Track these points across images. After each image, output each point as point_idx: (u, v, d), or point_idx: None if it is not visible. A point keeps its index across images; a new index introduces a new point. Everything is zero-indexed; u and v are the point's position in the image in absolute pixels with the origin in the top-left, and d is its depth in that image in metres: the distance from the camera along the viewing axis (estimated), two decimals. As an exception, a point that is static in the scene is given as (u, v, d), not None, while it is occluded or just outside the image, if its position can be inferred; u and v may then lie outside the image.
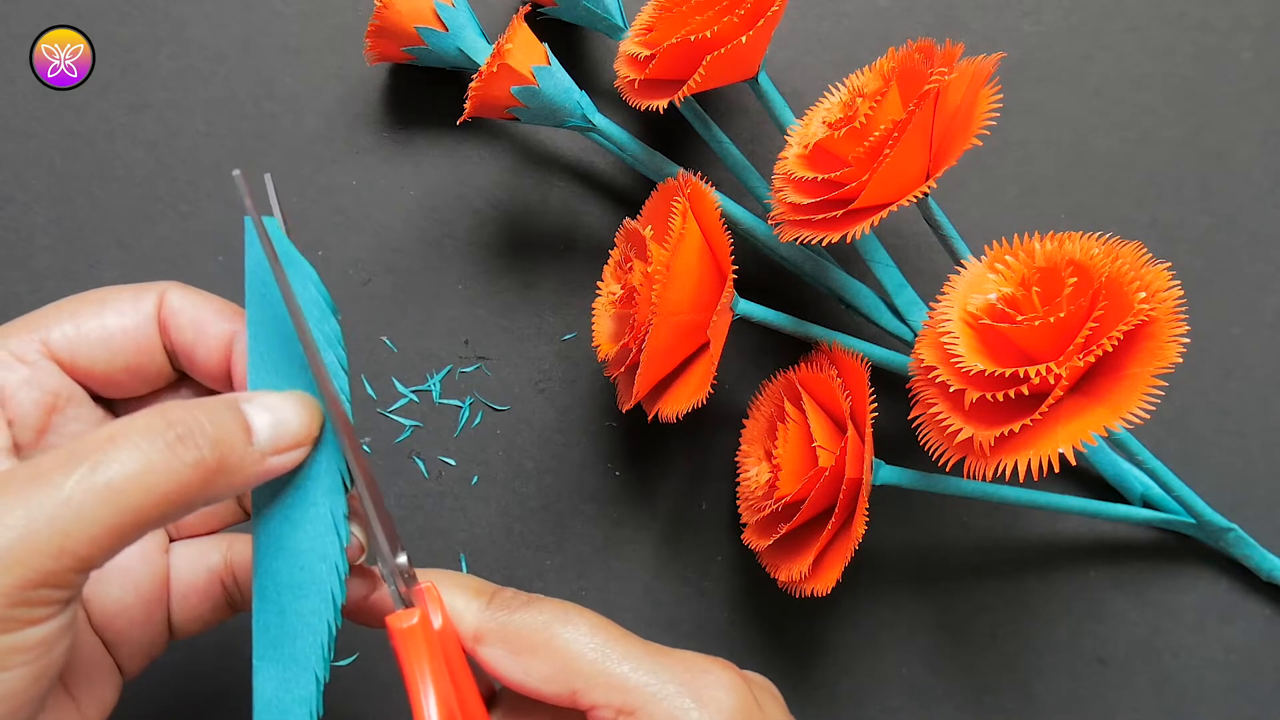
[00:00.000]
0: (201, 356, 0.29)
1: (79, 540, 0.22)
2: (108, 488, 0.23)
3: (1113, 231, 0.32)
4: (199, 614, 0.31)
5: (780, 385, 0.40)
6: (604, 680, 0.27)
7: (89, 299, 0.29)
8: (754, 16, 0.35)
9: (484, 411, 0.43)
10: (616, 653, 0.27)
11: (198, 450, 0.24)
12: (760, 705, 0.28)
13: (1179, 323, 0.29)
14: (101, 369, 0.29)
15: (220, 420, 0.25)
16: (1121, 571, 0.42)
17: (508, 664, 0.28)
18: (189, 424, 0.24)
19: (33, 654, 0.22)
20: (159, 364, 0.30)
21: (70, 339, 0.28)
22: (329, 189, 0.44)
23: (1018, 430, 0.30)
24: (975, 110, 0.33)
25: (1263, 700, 0.41)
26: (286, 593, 0.27)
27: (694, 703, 0.27)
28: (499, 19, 0.44)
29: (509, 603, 0.28)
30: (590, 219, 0.44)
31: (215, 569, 0.31)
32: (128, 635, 0.29)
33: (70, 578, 0.22)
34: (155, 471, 0.23)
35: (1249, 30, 0.44)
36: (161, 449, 0.23)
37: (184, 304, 0.29)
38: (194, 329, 0.29)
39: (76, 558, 0.22)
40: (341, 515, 0.27)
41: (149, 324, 0.29)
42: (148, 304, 0.29)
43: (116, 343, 0.29)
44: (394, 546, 0.28)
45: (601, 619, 0.29)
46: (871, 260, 0.39)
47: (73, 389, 0.29)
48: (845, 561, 0.34)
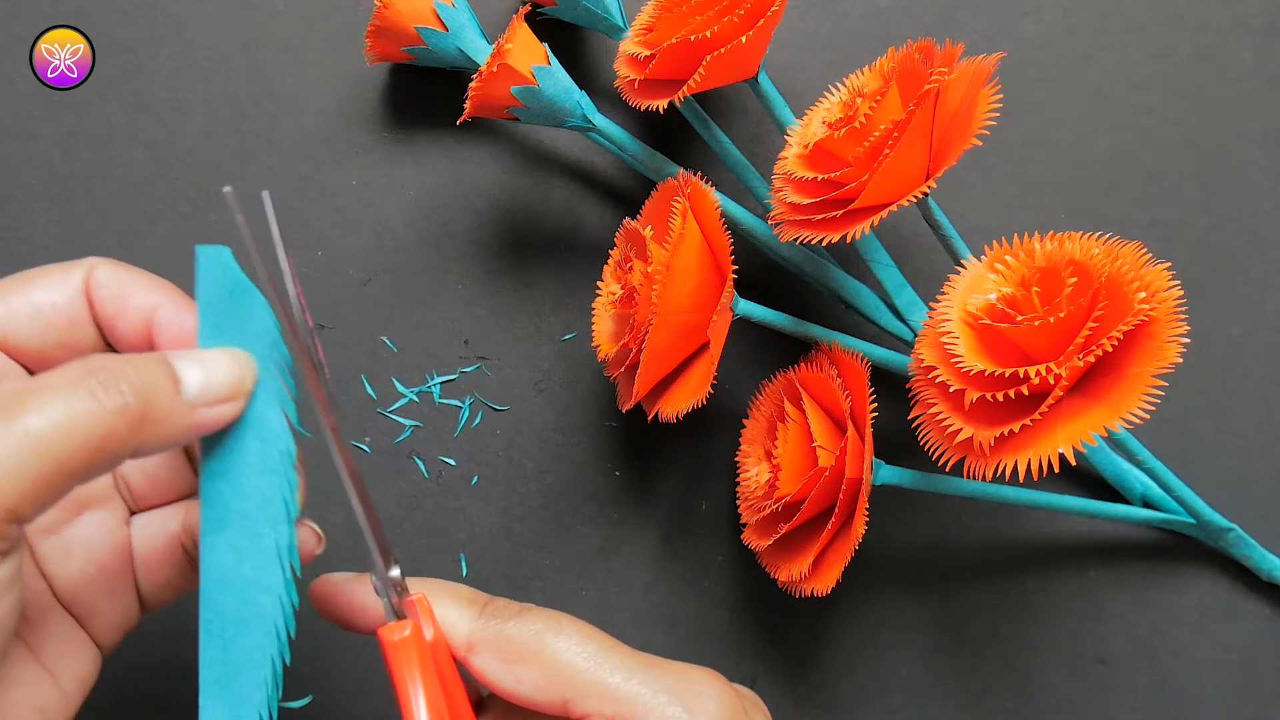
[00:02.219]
0: (122, 329, 0.29)
1: (5, 492, 0.22)
2: (27, 435, 0.22)
3: (1113, 231, 0.32)
4: (166, 581, 0.31)
5: (780, 385, 0.40)
6: (596, 690, 0.27)
7: (18, 277, 0.29)
8: (754, 16, 0.35)
9: (484, 411, 0.43)
10: (609, 662, 0.28)
11: (121, 396, 0.24)
12: (748, 717, 0.28)
13: (1179, 323, 0.29)
14: (34, 345, 0.28)
15: (145, 369, 0.25)
16: (1121, 571, 0.42)
17: (500, 673, 0.28)
18: (112, 371, 0.24)
19: None
20: (91, 340, 0.29)
21: (0, 316, 0.28)
22: (329, 189, 0.44)
23: (1018, 430, 0.30)
24: (975, 110, 0.33)
25: (1263, 700, 0.41)
26: (231, 627, 0.27)
27: (684, 712, 0.27)
28: (499, 19, 0.44)
29: (501, 612, 0.29)
30: (590, 219, 0.44)
31: (176, 534, 0.31)
32: (96, 608, 0.29)
33: (2, 529, 0.22)
34: (77, 419, 0.23)
35: (1249, 30, 0.44)
36: (84, 396, 0.23)
37: (109, 278, 0.29)
38: (116, 301, 0.29)
39: (5, 509, 0.22)
40: (287, 546, 0.27)
41: (78, 298, 0.29)
42: (75, 279, 0.29)
43: (45, 318, 0.28)
44: (386, 560, 0.28)
45: (593, 629, 0.29)
46: (871, 260, 0.39)
47: (7, 364, 0.29)
48: (845, 561, 0.34)
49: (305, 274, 0.43)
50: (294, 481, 0.27)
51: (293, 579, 0.27)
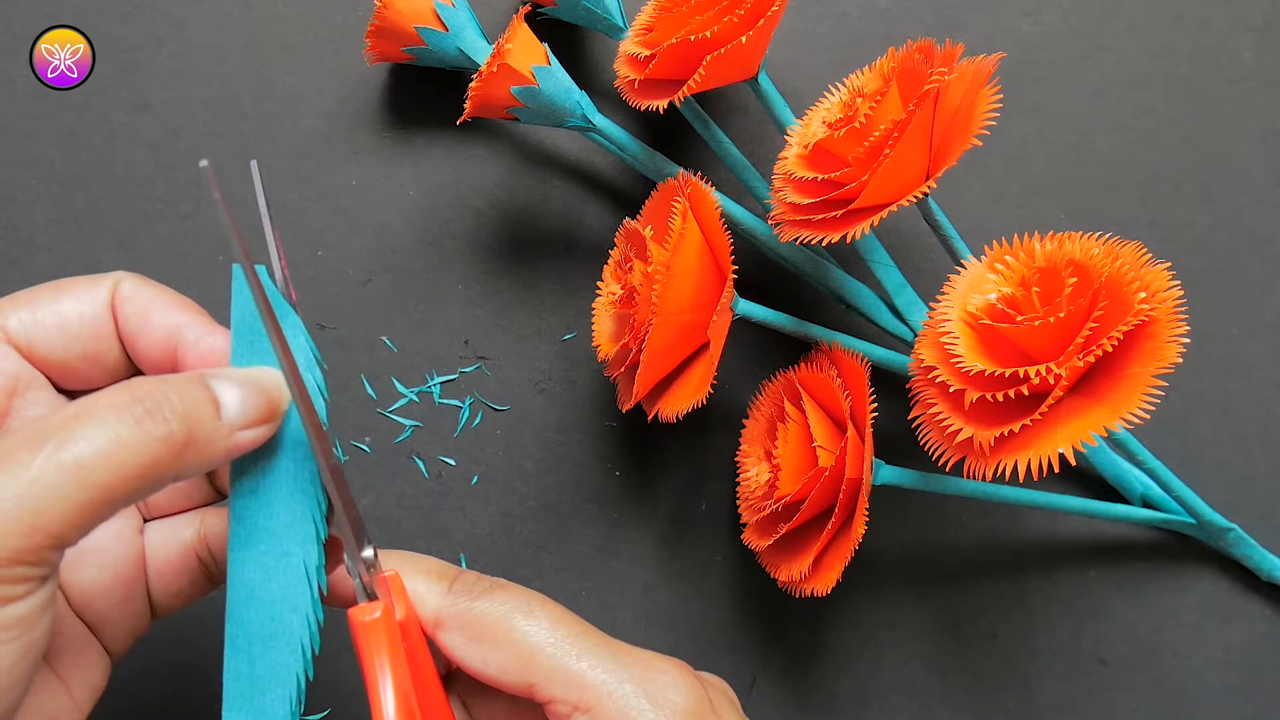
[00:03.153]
0: (144, 346, 0.29)
1: (50, 518, 0.22)
2: (75, 465, 0.22)
3: (1113, 231, 0.32)
4: (178, 589, 0.31)
5: (780, 385, 0.40)
6: (561, 675, 0.27)
7: (46, 287, 0.29)
8: (754, 16, 0.35)
9: (484, 411, 0.43)
10: (575, 648, 0.28)
11: (166, 424, 0.24)
12: (714, 707, 0.28)
13: (1179, 323, 0.29)
14: (59, 356, 0.29)
15: (188, 394, 0.25)
16: (1121, 571, 0.42)
17: (466, 651, 0.28)
18: (156, 398, 0.24)
19: (14, 631, 0.22)
20: (116, 353, 0.29)
21: (27, 325, 0.28)
22: (329, 189, 0.44)
23: (1018, 430, 0.30)
24: (975, 110, 0.33)
25: (1263, 700, 0.41)
26: (257, 643, 0.27)
27: (649, 703, 0.27)
28: (499, 19, 0.44)
29: (471, 588, 0.28)
30: (590, 219, 0.44)
31: (190, 543, 0.31)
32: (109, 615, 0.30)
33: (45, 555, 0.22)
34: (124, 447, 0.23)
35: (1249, 30, 0.44)
36: (130, 424, 0.23)
37: (133, 293, 0.29)
38: (139, 317, 0.29)
39: (49, 535, 0.22)
40: (315, 566, 0.27)
41: (103, 311, 0.29)
42: (102, 292, 0.29)
43: (72, 330, 0.29)
44: (360, 540, 0.27)
45: (563, 611, 0.29)
46: (871, 260, 0.39)
47: (33, 374, 0.29)
48: (845, 561, 0.34)
49: (305, 274, 0.43)
50: (324, 503, 0.27)
51: (319, 598, 0.27)
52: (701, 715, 0.28)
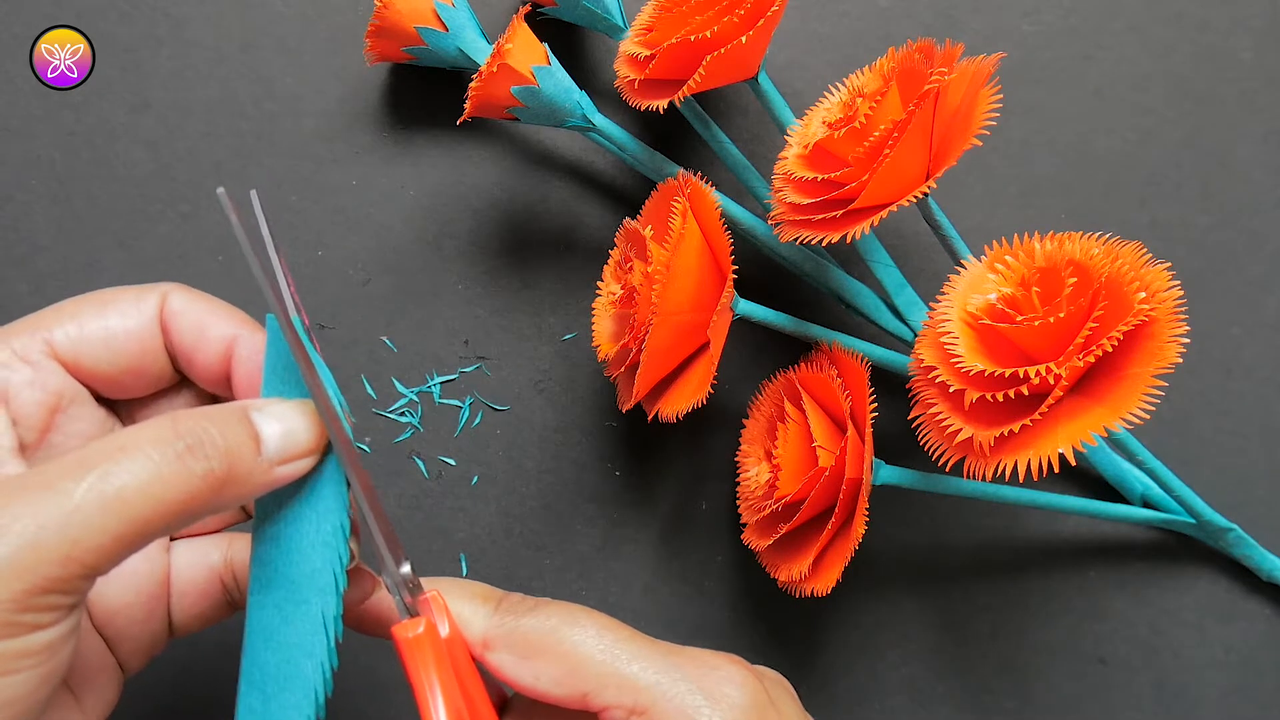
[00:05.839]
0: (201, 360, 0.29)
1: (86, 548, 0.22)
2: (117, 497, 0.23)
3: (1113, 231, 0.32)
4: (199, 612, 0.31)
5: (780, 385, 0.40)
6: (614, 681, 0.27)
7: (92, 299, 0.29)
8: (754, 16, 0.35)
9: (484, 411, 0.43)
10: (626, 653, 0.27)
11: (207, 461, 0.24)
12: (773, 699, 0.28)
13: (1179, 323, 0.29)
14: (104, 370, 0.29)
15: (230, 431, 0.25)
16: (1121, 571, 0.42)
17: (517, 669, 0.27)
18: (199, 435, 0.24)
19: (39, 658, 0.23)
20: (161, 365, 0.30)
21: (73, 339, 0.28)
22: (329, 189, 0.44)
23: (1018, 430, 0.30)
24: (975, 110, 0.33)
25: (1263, 700, 0.41)
26: (272, 683, 0.27)
27: (705, 700, 0.27)
28: (499, 19, 0.44)
29: (516, 607, 0.28)
30: (590, 219, 0.44)
31: (215, 567, 0.31)
32: (129, 633, 0.30)
33: (76, 584, 0.23)
34: (165, 482, 0.23)
35: (1249, 30, 0.44)
36: (171, 459, 0.23)
37: (185, 306, 0.29)
38: (195, 332, 0.29)
39: (83, 565, 0.22)
40: (333, 617, 0.27)
41: (151, 325, 0.29)
42: (150, 305, 0.29)
43: (119, 343, 0.29)
44: (397, 557, 0.27)
45: (609, 619, 0.28)
46: (871, 260, 0.39)
47: (76, 389, 0.29)
48: (845, 561, 0.34)
49: (305, 274, 0.43)
50: (345, 556, 0.27)
51: (334, 646, 0.27)
52: (760, 709, 0.27)
